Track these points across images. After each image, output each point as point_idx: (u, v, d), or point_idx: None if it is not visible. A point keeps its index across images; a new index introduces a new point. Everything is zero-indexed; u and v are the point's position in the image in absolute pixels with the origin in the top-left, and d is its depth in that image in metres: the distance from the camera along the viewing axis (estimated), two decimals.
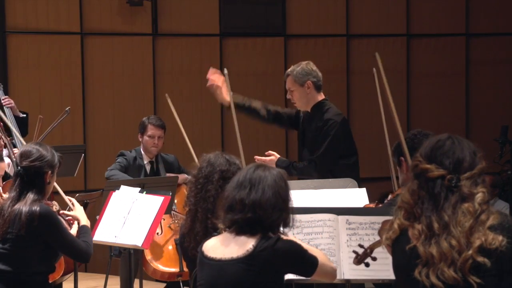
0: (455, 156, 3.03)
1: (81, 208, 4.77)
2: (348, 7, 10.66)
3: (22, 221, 4.32)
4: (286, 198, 3.56)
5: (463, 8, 10.98)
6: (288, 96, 6.32)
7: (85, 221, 4.67)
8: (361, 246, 3.75)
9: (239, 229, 3.51)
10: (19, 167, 4.46)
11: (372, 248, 3.72)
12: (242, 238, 3.50)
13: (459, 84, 11.07)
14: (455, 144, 3.06)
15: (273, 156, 6.19)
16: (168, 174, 7.27)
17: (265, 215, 3.48)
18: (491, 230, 2.93)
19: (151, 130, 7.24)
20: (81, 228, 4.62)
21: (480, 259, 2.90)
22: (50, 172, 4.48)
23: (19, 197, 4.41)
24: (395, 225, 3.07)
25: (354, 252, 3.74)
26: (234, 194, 3.53)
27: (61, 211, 4.68)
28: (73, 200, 4.82)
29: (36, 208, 4.35)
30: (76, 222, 4.68)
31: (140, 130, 7.30)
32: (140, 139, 7.29)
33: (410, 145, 4.37)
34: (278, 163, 6.11)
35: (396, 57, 10.83)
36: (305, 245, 3.64)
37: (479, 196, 2.97)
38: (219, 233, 3.69)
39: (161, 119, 7.51)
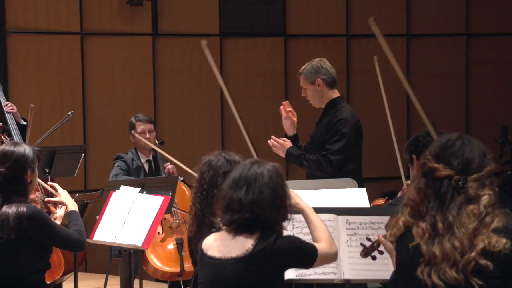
0: (464, 157, 3.01)
1: (65, 191, 4.65)
2: (348, 7, 10.66)
3: (11, 225, 4.24)
4: (283, 195, 3.55)
5: (463, 8, 10.99)
6: (303, 95, 6.32)
7: (72, 205, 4.59)
8: (368, 239, 3.74)
9: (238, 228, 3.51)
10: None
11: (379, 241, 3.70)
12: (242, 237, 3.50)
13: (459, 84, 11.08)
14: (465, 145, 3.04)
15: (288, 142, 6.16)
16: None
17: (263, 214, 3.47)
18: (495, 233, 2.91)
19: (140, 127, 7.23)
20: (70, 215, 4.53)
21: (483, 261, 2.88)
22: (30, 171, 4.36)
23: (3, 202, 4.31)
24: (400, 222, 3.05)
25: (361, 244, 3.73)
26: (231, 194, 3.51)
27: (47, 199, 4.61)
28: (55, 184, 4.70)
29: (23, 209, 4.26)
30: (62, 207, 4.59)
31: (130, 130, 7.29)
32: (133, 140, 7.28)
33: (422, 143, 4.32)
34: (290, 150, 6.10)
35: (396, 57, 10.79)
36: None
37: (485, 199, 2.95)
38: (218, 229, 3.68)
39: (148, 115, 7.50)
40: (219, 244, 3.54)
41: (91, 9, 9.75)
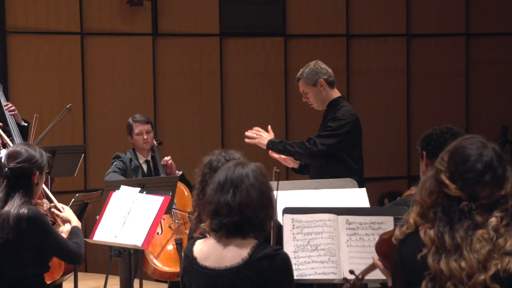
0: (481, 183, 2.89)
1: (70, 210, 4.69)
2: (348, 7, 10.67)
3: (10, 225, 4.24)
4: (269, 194, 3.51)
5: (463, 8, 10.99)
6: (304, 99, 6.29)
7: (76, 222, 4.61)
8: (351, 272, 3.69)
9: (228, 232, 3.45)
10: (6, 169, 4.36)
11: (364, 274, 3.63)
12: (234, 244, 3.44)
13: (459, 84, 11.08)
14: (484, 167, 2.90)
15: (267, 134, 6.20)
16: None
17: (253, 215, 3.42)
18: (508, 255, 2.83)
19: (137, 128, 7.22)
20: (72, 230, 4.55)
21: (493, 286, 2.81)
22: (38, 173, 4.39)
23: (6, 200, 4.32)
24: (411, 220, 2.99)
25: (345, 279, 3.67)
26: (218, 198, 3.45)
27: (52, 209, 4.62)
28: (61, 204, 4.73)
29: (24, 210, 4.26)
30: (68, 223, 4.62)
31: (128, 131, 7.28)
32: (131, 141, 7.28)
33: (434, 143, 4.24)
34: (272, 139, 6.14)
35: (396, 57, 10.84)
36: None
37: (492, 221, 2.86)
38: (204, 236, 3.64)
39: (145, 115, 7.48)
40: (211, 252, 3.47)
41: (91, 9, 9.75)
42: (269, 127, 6.28)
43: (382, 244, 3.24)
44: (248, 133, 6.25)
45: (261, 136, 6.22)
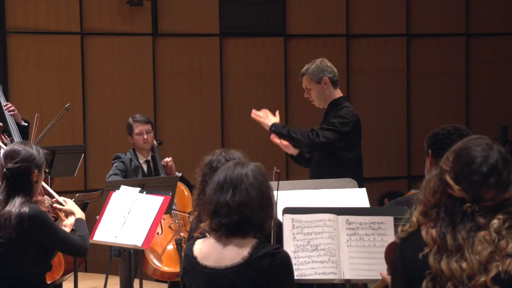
0: (485, 185, 2.89)
1: (73, 202, 4.70)
2: (348, 7, 10.67)
3: (12, 224, 4.25)
4: (269, 194, 3.50)
5: (463, 8, 10.99)
6: (306, 95, 6.28)
7: (79, 213, 4.61)
8: None
9: (228, 231, 3.45)
10: (4, 169, 4.37)
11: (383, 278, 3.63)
12: (234, 244, 3.44)
13: (459, 84, 11.08)
14: (489, 170, 2.91)
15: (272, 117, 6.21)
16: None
17: (252, 215, 3.42)
18: (509, 257, 2.83)
19: (137, 128, 7.22)
20: (76, 222, 4.56)
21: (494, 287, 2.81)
22: (37, 171, 4.39)
23: (7, 200, 4.33)
24: (414, 219, 2.99)
25: None
26: (218, 198, 3.45)
27: (54, 204, 4.63)
28: (63, 198, 4.74)
29: (25, 209, 4.27)
30: (72, 216, 4.61)
31: (128, 131, 7.28)
32: (131, 141, 7.28)
33: (440, 143, 4.21)
34: (275, 123, 6.17)
35: (396, 57, 10.84)
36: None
37: (494, 223, 2.86)
38: (204, 235, 3.64)
39: (145, 115, 7.47)
40: (212, 252, 3.47)
41: (91, 9, 9.75)
42: (277, 112, 6.29)
43: (392, 248, 3.23)
44: (256, 111, 6.28)
45: (268, 117, 6.24)
